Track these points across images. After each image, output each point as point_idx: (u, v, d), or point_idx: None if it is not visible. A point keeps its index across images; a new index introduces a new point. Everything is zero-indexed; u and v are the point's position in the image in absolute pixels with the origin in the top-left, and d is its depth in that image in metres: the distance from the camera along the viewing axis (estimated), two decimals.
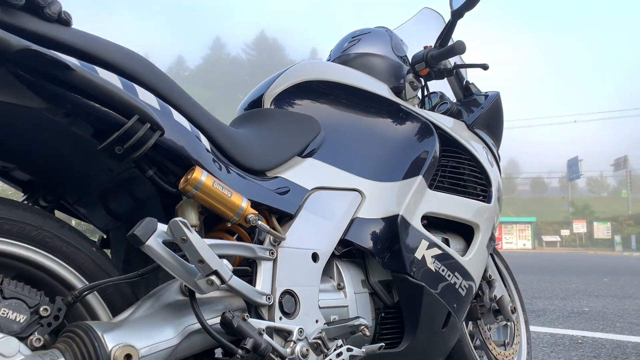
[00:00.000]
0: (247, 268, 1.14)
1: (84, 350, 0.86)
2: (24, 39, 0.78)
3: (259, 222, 1.08)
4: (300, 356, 1.10)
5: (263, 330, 1.05)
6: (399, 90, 1.68)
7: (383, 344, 1.27)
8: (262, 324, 1.06)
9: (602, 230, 46.21)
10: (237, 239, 1.16)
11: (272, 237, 1.14)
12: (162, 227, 0.92)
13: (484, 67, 1.85)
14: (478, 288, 1.67)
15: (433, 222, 1.53)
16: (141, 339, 0.92)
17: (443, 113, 1.80)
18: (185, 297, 1.00)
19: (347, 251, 1.36)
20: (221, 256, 0.99)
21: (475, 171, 1.70)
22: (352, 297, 1.31)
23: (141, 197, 1.14)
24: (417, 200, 1.45)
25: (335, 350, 1.17)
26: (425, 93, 1.87)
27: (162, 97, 1.04)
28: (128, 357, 0.88)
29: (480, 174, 1.71)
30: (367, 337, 1.26)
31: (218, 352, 1.14)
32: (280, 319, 1.12)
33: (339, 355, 1.17)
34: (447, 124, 1.69)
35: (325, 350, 1.15)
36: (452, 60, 1.86)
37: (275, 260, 1.15)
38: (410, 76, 1.70)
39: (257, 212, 1.09)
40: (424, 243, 1.42)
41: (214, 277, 0.95)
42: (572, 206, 61.36)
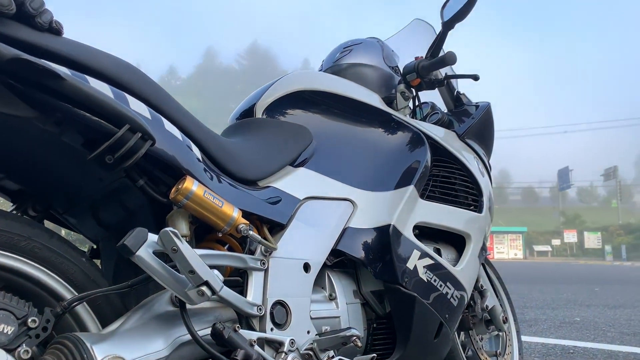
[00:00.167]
0: (238, 278, 1.14)
1: None
2: (14, 48, 0.77)
3: (250, 232, 1.08)
4: None
5: (254, 341, 1.04)
6: (390, 100, 1.68)
7: (375, 354, 1.27)
8: (253, 335, 1.05)
9: (592, 240, 46.49)
10: (228, 249, 1.15)
11: (263, 247, 1.14)
12: (152, 237, 0.92)
13: (475, 77, 1.87)
14: (470, 298, 1.67)
15: (425, 232, 1.54)
16: (131, 351, 0.91)
17: (434, 123, 1.81)
18: (176, 307, 1.00)
19: (338, 261, 1.35)
20: (212, 266, 0.98)
21: (467, 181, 1.70)
22: (344, 307, 1.31)
23: (131, 207, 1.14)
24: (408, 210, 1.45)
25: None
26: (417, 103, 1.88)
27: (154, 106, 1.04)
28: None
29: (471, 184, 1.71)
30: (359, 348, 1.25)
31: None
32: (272, 329, 1.11)
33: None
34: (439, 134, 1.70)
35: None
36: (443, 71, 1.87)
37: (266, 271, 1.14)
38: (402, 86, 1.71)
39: (248, 222, 1.08)
40: (416, 253, 1.41)
41: (204, 288, 0.94)
42: (563, 216, 61.72)
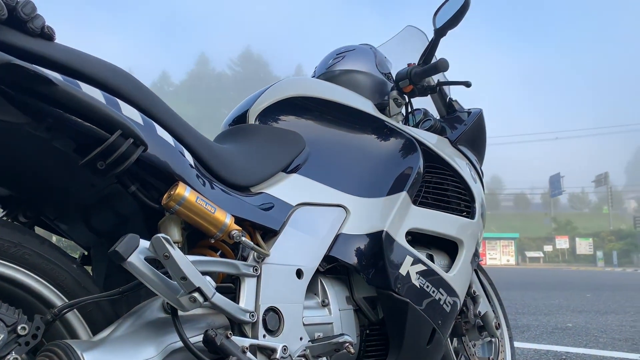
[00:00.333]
0: (230, 285, 1.13)
1: None
2: (5, 53, 0.77)
3: (243, 239, 1.07)
4: None
5: (246, 348, 1.03)
6: (383, 106, 1.69)
7: None
8: (246, 342, 1.05)
9: (584, 246, 46.72)
10: (221, 255, 1.15)
11: (256, 253, 1.14)
12: (144, 244, 0.91)
13: (467, 84, 1.87)
14: (462, 304, 1.67)
15: (417, 238, 1.54)
16: (122, 358, 0.90)
17: (427, 129, 1.82)
18: (168, 314, 0.99)
19: (331, 267, 1.35)
20: (204, 273, 0.98)
21: (459, 187, 1.71)
22: (337, 313, 1.31)
23: (123, 213, 1.13)
24: (401, 216, 1.45)
25: None
26: (409, 110, 1.88)
27: (146, 112, 1.03)
28: None
29: (463, 190, 1.72)
30: (352, 354, 1.25)
31: None
32: (264, 336, 1.11)
33: None
34: (431, 140, 1.71)
35: None
36: (436, 78, 1.88)
37: (259, 277, 1.14)
38: (394, 93, 1.71)
39: (240, 228, 1.08)
40: (409, 259, 1.42)
41: (196, 294, 0.94)
42: (555, 222, 61.96)
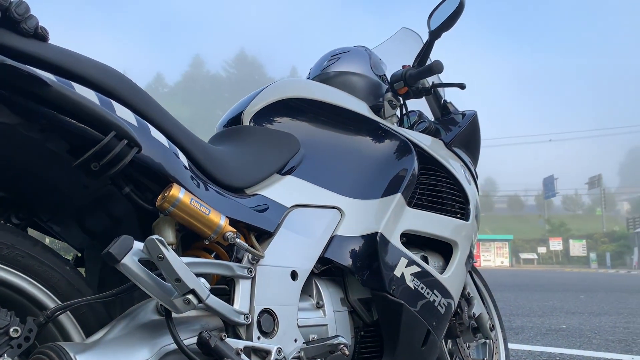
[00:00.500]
0: (225, 287, 1.13)
1: None
2: None
3: (237, 240, 1.07)
4: None
5: (241, 350, 1.03)
6: (378, 108, 1.69)
7: None
8: (240, 344, 1.05)
9: (577, 248, 46.88)
10: (215, 257, 1.14)
11: (250, 255, 1.13)
12: (138, 245, 0.91)
13: (461, 86, 1.88)
14: (457, 306, 1.67)
15: (412, 240, 1.54)
16: None
17: (421, 131, 1.82)
18: (161, 316, 0.99)
19: (326, 269, 1.35)
20: (198, 275, 0.97)
21: (454, 189, 1.71)
22: (331, 315, 1.30)
23: (117, 215, 1.13)
24: (396, 217, 1.45)
25: None
26: (404, 111, 1.88)
27: (140, 113, 1.03)
28: None
29: (458, 192, 1.72)
30: (347, 356, 1.25)
31: None
32: (259, 338, 1.11)
33: None
34: (426, 142, 1.71)
35: None
36: (430, 80, 1.88)
37: (253, 279, 1.14)
38: (389, 95, 1.71)
39: (235, 230, 1.08)
40: (403, 261, 1.42)
41: (190, 296, 0.94)
42: (549, 224, 62.15)
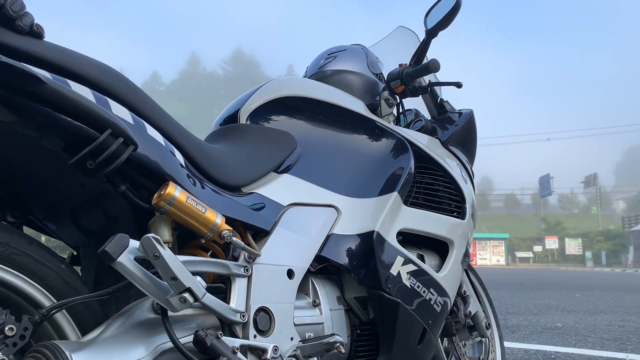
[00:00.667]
0: (221, 285, 1.13)
1: None
2: None
3: (234, 239, 1.07)
4: None
5: (237, 348, 1.03)
6: (374, 107, 1.69)
7: None
8: (236, 342, 1.04)
9: (573, 247, 47.05)
10: (212, 255, 1.14)
11: (246, 253, 1.13)
12: (134, 244, 0.91)
13: (458, 85, 1.88)
14: (453, 304, 1.67)
15: (408, 238, 1.54)
16: (111, 359, 0.90)
17: (418, 130, 1.82)
18: (157, 315, 0.99)
19: (322, 267, 1.35)
20: (195, 273, 0.97)
21: (450, 188, 1.71)
22: (328, 314, 1.31)
23: (113, 213, 1.12)
24: (392, 216, 1.45)
25: None
26: (401, 110, 1.88)
27: (136, 111, 1.03)
28: None
29: (454, 191, 1.72)
30: (343, 355, 1.25)
31: None
32: (255, 337, 1.10)
33: None
34: (422, 140, 1.71)
35: None
36: (427, 78, 1.88)
37: (249, 277, 1.14)
38: (386, 93, 1.71)
39: (231, 228, 1.08)
40: (400, 259, 1.42)
41: (187, 295, 0.93)
42: (544, 222, 62.33)
